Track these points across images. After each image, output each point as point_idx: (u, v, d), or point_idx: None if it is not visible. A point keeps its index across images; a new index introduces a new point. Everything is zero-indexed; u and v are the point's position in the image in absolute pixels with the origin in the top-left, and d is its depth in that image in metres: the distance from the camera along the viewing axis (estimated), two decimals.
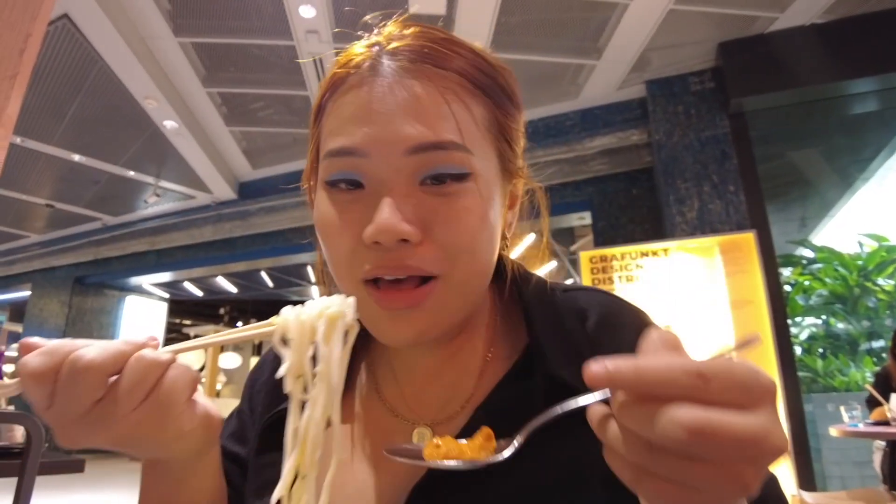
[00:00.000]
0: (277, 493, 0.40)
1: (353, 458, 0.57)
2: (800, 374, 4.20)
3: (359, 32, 0.56)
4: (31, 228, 8.42)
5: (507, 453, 0.42)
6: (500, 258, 0.60)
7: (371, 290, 0.50)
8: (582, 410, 0.37)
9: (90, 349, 0.40)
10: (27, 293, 9.38)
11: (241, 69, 4.46)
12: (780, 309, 3.60)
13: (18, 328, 11.61)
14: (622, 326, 0.56)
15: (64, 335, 8.39)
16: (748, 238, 3.57)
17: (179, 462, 0.50)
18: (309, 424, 0.41)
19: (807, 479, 3.42)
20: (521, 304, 0.59)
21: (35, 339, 0.41)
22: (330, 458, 0.43)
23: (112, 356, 0.40)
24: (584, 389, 0.39)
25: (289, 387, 0.42)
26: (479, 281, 0.54)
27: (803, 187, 5.76)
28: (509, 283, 0.60)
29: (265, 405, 0.64)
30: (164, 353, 0.42)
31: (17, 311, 11.65)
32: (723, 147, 4.09)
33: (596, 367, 0.31)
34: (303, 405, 0.42)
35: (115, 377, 0.40)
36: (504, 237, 0.59)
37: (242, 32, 3.93)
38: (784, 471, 3.15)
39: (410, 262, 0.48)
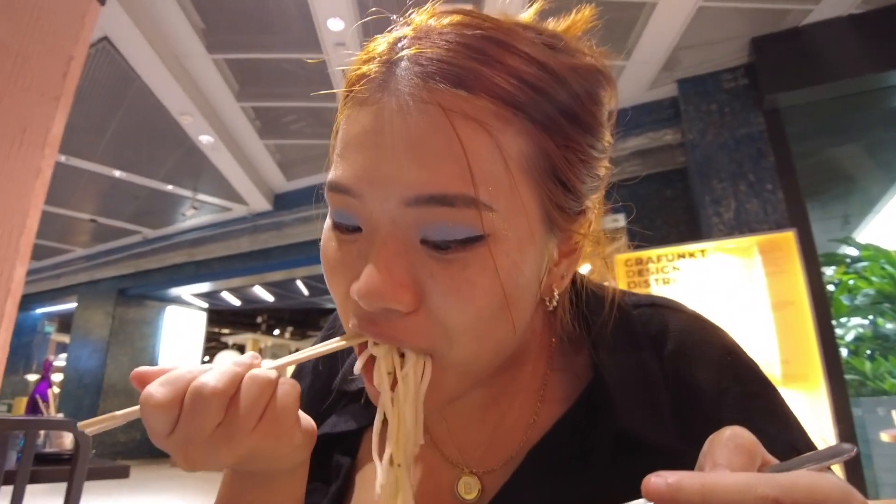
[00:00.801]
0: (380, 480, 0.40)
1: None
2: (847, 377, 4.05)
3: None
4: (76, 243, 8.74)
5: None
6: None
7: (360, 348, 0.44)
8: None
9: (209, 375, 0.39)
10: (73, 305, 9.72)
11: (272, 84, 4.55)
12: (824, 310, 3.48)
13: (66, 339, 12.02)
14: (703, 359, 0.49)
15: (108, 345, 8.67)
16: (788, 237, 3.46)
17: (281, 472, 0.49)
18: (400, 416, 0.42)
19: (857, 488, 3.28)
20: (585, 324, 0.51)
21: (146, 369, 0.41)
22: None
23: (230, 379, 0.39)
24: (651, 439, 0.38)
25: (376, 380, 0.42)
26: (487, 360, 0.44)
27: (845, 183, 5.57)
28: (566, 307, 0.51)
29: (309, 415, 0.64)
30: (270, 370, 0.42)
31: (65, 323, 12.09)
32: (758, 145, 3.99)
33: (656, 480, 0.27)
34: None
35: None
36: (550, 290, 0.47)
37: (273, 47, 4.01)
38: None
39: (398, 333, 0.41)
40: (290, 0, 3.54)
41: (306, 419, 0.47)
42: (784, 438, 0.44)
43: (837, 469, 3.14)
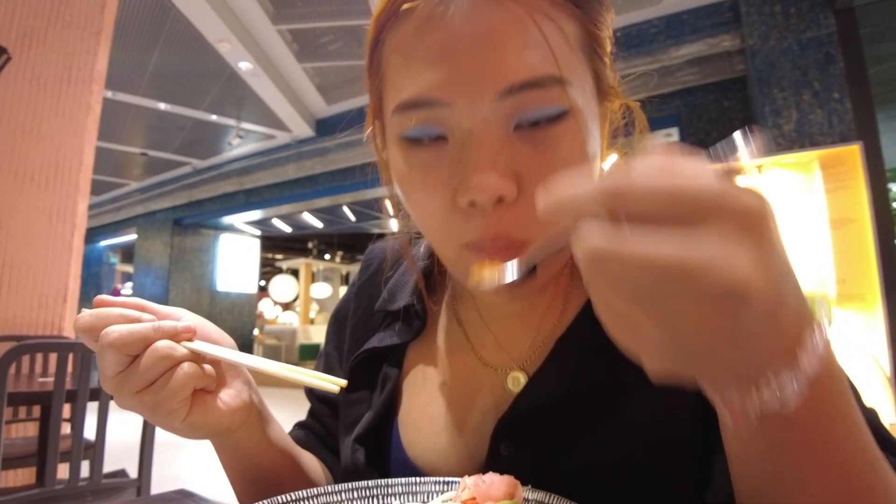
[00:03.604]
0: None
1: (437, 397, 0.58)
2: None
3: None
4: (130, 176, 9.03)
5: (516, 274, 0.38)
6: None
7: (473, 253, 0.45)
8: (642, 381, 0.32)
9: (118, 329, 0.44)
10: (133, 236, 10.20)
11: (307, 3, 4.42)
12: (888, 228, 3.29)
13: (129, 269, 12.72)
14: None
15: (168, 272, 9.13)
16: (853, 150, 3.25)
17: (231, 439, 0.54)
18: None
19: None
20: None
21: (105, 297, 0.47)
22: None
23: (135, 339, 0.44)
24: None
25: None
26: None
27: None
28: None
29: (352, 341, 0.67)
30: (180, 347, 0.46)
31: (127, 253, 12.77)
32: (827, 49, 3.66)
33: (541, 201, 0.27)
34: None
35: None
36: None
37: None
38: (883, 400, 3.00)
39: (507, 225, 0.43)
40: None
41: (232, 399, 0.51)
42: None
43: (889, 390, 3.08)
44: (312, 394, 0.71)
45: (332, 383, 0.48)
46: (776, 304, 0.24)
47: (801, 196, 3.37)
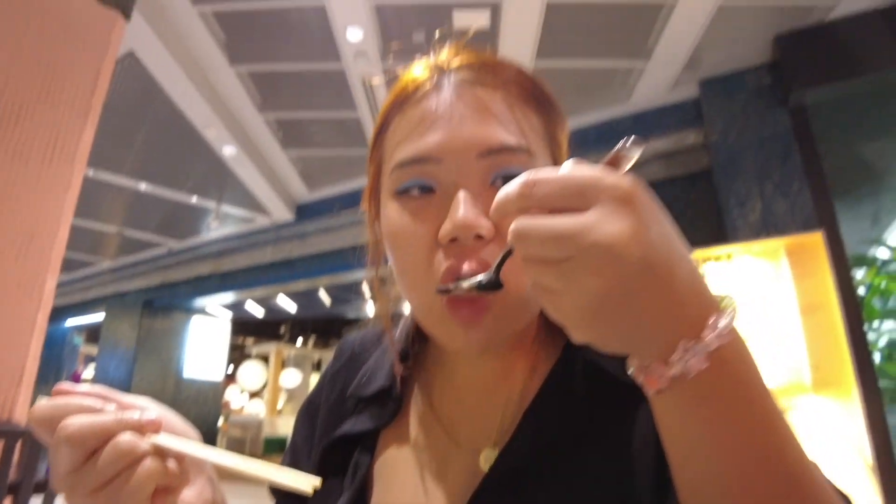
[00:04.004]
0: None
1: (409, 482, 0.57)
2: (881, 383, 3.93)
3: (397, 49, 0.58)
4: (103, 255, 8.92)
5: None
6: None
7: (445, 300, 0.50)
8: (626, 416, 0.41)
9: (78, 422, 0.41)
10: (101, 317, 9.91)
11: (294, 95, 4.60)
12: (855, 313, 3.38)
13: (94, 350, 12.28)
14: None
15: (135, 356, 8.81)
16: (816, 238, 3.38)
17: None
18: None
19: (894, 500, 3.18)
20: None
21: (64, 386, 0.44)
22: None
23: (95, 433, 0.41)
24: (622, 377, 0.41)
25: None
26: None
27: (875, 182, 5.42)
28: None
29: (324, 430, 0.65)
30: (144, 443, 0.43)
31: (93, 334, 12.34)
32: (784, 144, 3.91)
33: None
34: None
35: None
36: None
37: (293, 58, 4.06)
38: (867, 490, 2.95)
39: (485, 258, 0.49)
40: (310, 11, 3.58)
41: (194, 495, 0.48)
42: None
43: (872, 480, 3.04)
44: (277, 490, 0.67)
45: (305, 483, 0.44)
46: (658, 269, 0.31)
47: (770, 283, 3.45)
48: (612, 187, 0.31)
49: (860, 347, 3.29)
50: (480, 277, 0.46)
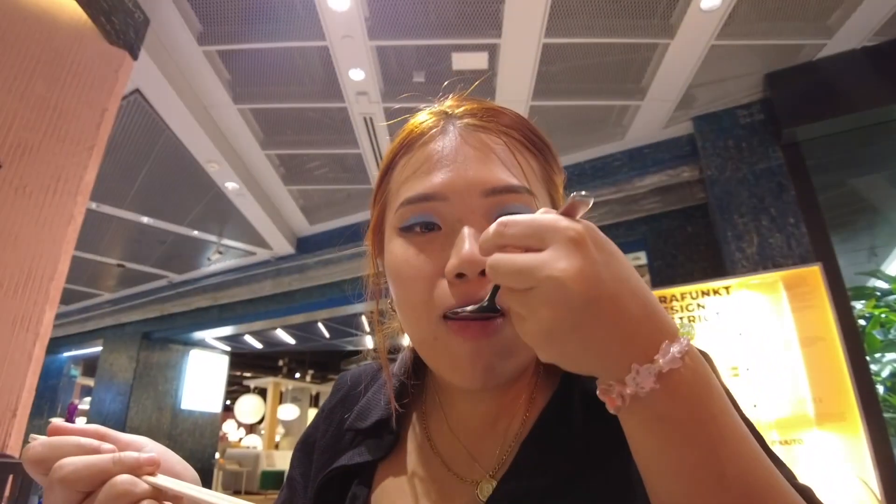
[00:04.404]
0: None
1: None
2: (886, 415, 3.89)
3: (406, 95, 0.62)
4: (103, 287, 8.90)
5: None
6: None
7: (450, 324, 0.51)
8: (624, 443, 0.41)
9: (74, 462, 0.40)
10: (99, 349, 9.83)
11: (296, 132, 4.68)
12: (857, 345, 3.37)
13: (90, 382, 12.13)
14: None
15: (131, 388, 8.72)
16: (814, 271, 3.40)
17: None
18: None
19: None
20: None
21: (60, 424, 0.44)
22: None
23: (91, 474, 0.40)
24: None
25: None
26: None
27: (870, 215, 5.47)
28: None
29: (321, 463, 0.66)
30: (141, 484, 0.42)
31: (90, 366, 12.22)
32: (778, 179, 3.96)
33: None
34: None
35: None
36: None
37: (296, 97, 4.14)
38: None
39: (484, 291, 0.50)
40: (314, 52, 3.67)
41: None
42: None
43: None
44: None
45: None
46: (602, 302, 0.35)
47: (770, 316, 3.46)
48: (565, 229, 0.36)
49: (863, 379, 3.26)
50: (483, 304, 0.48)
